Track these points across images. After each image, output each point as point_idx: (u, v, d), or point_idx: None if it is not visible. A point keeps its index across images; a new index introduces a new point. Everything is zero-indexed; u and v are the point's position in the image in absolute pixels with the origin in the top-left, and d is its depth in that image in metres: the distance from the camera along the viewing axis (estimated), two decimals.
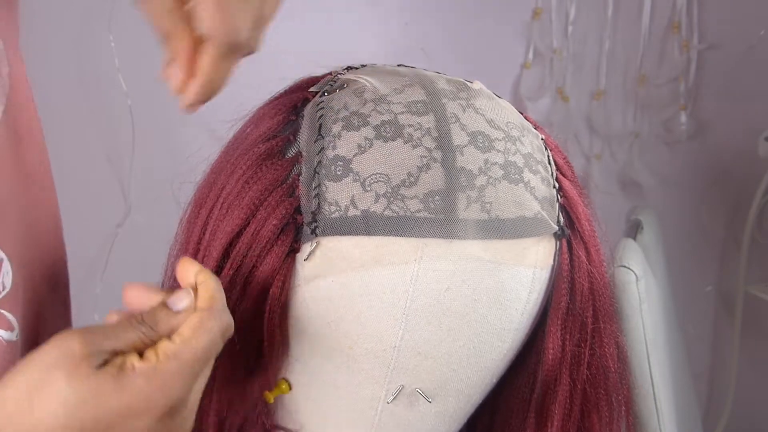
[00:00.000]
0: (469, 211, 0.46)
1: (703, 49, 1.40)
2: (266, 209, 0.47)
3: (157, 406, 0.38)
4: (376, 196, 0.45)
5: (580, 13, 1.40)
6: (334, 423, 0.51)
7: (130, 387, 0.38)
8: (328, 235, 0.46)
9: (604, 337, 0.53)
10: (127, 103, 1.22)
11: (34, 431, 0.37)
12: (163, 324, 0.41)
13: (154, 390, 0.38)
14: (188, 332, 0.40)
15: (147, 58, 1.30)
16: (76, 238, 0.74)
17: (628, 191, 1.48)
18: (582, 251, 0.51)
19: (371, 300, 0.46)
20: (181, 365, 0.39)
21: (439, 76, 0.52)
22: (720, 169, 1.46)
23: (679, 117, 1.43)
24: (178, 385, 0.39)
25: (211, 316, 0.41)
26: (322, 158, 0.47)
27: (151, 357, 0.39)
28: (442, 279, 0.46)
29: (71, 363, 0.37)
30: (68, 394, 0.37)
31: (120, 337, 0.40)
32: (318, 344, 0.48)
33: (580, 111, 1.45)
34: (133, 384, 0.38)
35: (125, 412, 0.38)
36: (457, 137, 0.47)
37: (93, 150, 1.28)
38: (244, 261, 0.48)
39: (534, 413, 0.53)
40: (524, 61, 1.42)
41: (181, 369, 0.39)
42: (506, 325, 0.49)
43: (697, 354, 1.47)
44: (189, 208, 0.54)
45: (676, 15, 1.39)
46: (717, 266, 1.51)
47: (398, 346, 0.47)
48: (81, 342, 0.38)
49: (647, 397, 0.87)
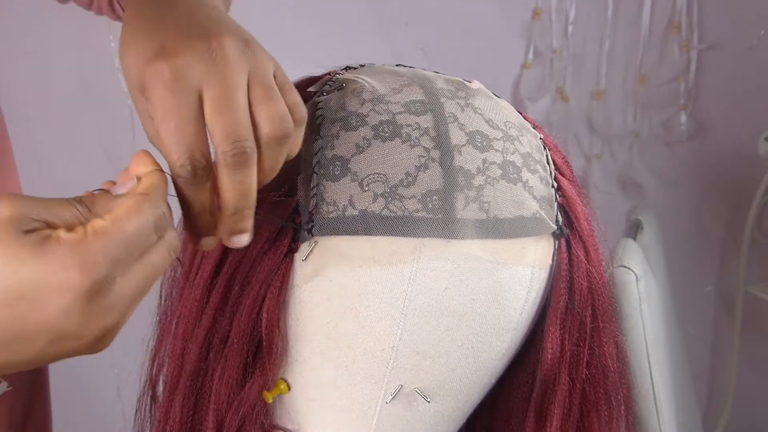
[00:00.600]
0: (467, 210, 0.46)
1: (703, 49, 1.40)
2: (265, 209, 0.47)
3: (75, 283, 0.35)
4: (374, 195, 0.45)
5: (580, 13, 1.40)
6: (333, 423, 0.51)
7: (51, 256, 0.35)
8: (326, 235, 0.46)
9: (603, 337, 0.53)
10: (127, 103, 1.22)
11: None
12: (100, 206, 0.39)
13: (74, 264, 0.35)
14: (120, 211, 0.37)
15: None
16: None
17: (628, 191, 1.48)
18: (581, 251, 0.51)
19: (369, 300, 0.46)
20: (107, 243, 0.36)
21: (437, 75, 0.52)
22: (720, 169, 1.46)
23: (679, 117, 1.43)
24: (101, 264, 0.36)
25: (147, 200, 0.39)
26: (320, 158, 0.47)
27: (78, 231, 0.36)
28: (440, 278, 0.46)
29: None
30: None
31: (54, 210, 0.37)
32: (316, 344, 0.48)
33: (580, 111, 1.45)
34: (54, 253, 0.35)
35: (41, 285, 0.35)
36: (455, 137, 0.47)
37: (93, 150, 1.28)
38: (243, 261, 0.48)
39: (533, 413, 0.53)
40: (524, 61, 1.42)
41: (106, 247, 0.36)
42: (505, 325, 0.49)
43: (697, 354, 1.47)
44: None
45: (676, 15, 1.39)
46: (717, 266, 1.51)
47: (397, 346, 0.47)
48: (11, 205, 0.35)
49: (647, 397, 0.87)
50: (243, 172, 0.40)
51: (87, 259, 0.35)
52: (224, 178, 0.40)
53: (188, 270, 0.52)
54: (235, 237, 0.43)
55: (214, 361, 0.49)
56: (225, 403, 0.50)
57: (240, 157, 0.40)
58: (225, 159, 0.40)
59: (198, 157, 0.40)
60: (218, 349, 0.49)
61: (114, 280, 0.36)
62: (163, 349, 0.55)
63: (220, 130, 0.40)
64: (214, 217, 0.42)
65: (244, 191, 0.41)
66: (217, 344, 0.49)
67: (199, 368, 0.50)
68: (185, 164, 0.40)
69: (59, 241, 0.35)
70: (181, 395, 0.51)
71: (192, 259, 0.51)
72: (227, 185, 0.41)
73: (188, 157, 0.39)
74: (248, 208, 0.42)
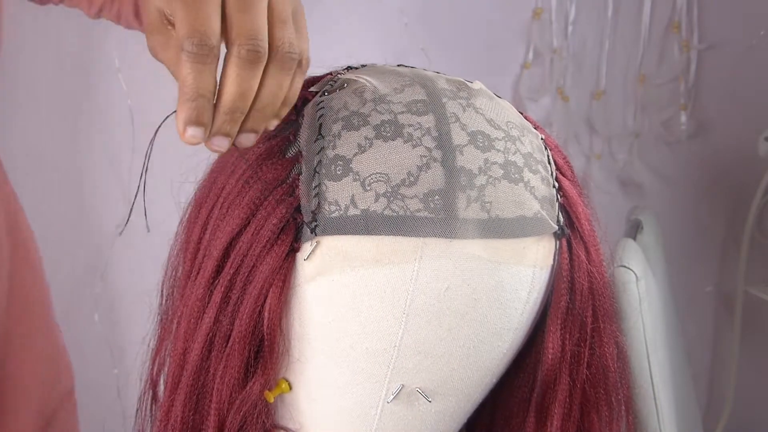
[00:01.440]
0: (469, 210, 0.46)
1: (703, 49, 1.40)
2: (266, 209, 0.47)
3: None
4: (376, 195, 0.45)
5: (580, 13, 1.40)
6: (334, 423, 0.51)
7: None
8: (328, 235, 0.46)
9: (604, 337, 0.53)
10: (127, 103, 1.22)
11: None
12: None
13: None
14: None
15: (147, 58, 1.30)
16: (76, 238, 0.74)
17: (628, 191, 1.48)
18: (582, 251, 0.51)
19: (371, 299, 0.46)
20: None
21: (439, 75, 0.53)
22: (720, 169, 1.46)
23: (679, 117, 1.43)
24: None
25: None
26: (322, 158, 0.47)
27: None
28: (442, 278, 0.46)
29: None
30: None
31: None
32: (318, 344, 0.48)
33: (580, 111, 1.45)
34: None
35: None
36: (457, 137, 0.47)
37: (93, 150, 1.28)
38: (245, 260, 0.48)
39: (534, 413, 0.53)
40: (524, 61, 1.42)
41: None
42: (506, 325, 0.49)
43: (697, 354, 1.47)
44: (189, 208, 0.54)
45: (676, 15, 1.39)
46: (717, 266, 1.51)
47: (398, 346, 0.47)
48: None
49: (647, 397, 0.87)
50: (251, 71, 0.41)
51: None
52: (231, 72, 0.41)
53: (189, 269, 0.52)
54: (217, 139, 0.42)
55: (215, 361, 0.49)
56: (226, 403, 0.50)
57: (254, 54, 0.41)
58: (239, 52, 0.40)
59: (209, 34, 0.40)
60: (220, 349, 0.49)
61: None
62: (164, 348, 0.55)
63: (240, 25, 0.41)
64: (207, 109, 0.41)
65: (243, 91, 0.41)
66: (219, 344, 0.49)
67: (201, 367, 0.50)
68: (194, 37, 0.40)
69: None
70: (183, 395, 0.51)
71: (193, 258, 0.51)
72: (231, 80, 0.41)
73: (199, 31, 0.40)
74: (240, 113, 0.42)
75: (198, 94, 0.41)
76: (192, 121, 0.41)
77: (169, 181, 0.60)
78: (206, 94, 0.41)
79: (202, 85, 0.41)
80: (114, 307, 1.25)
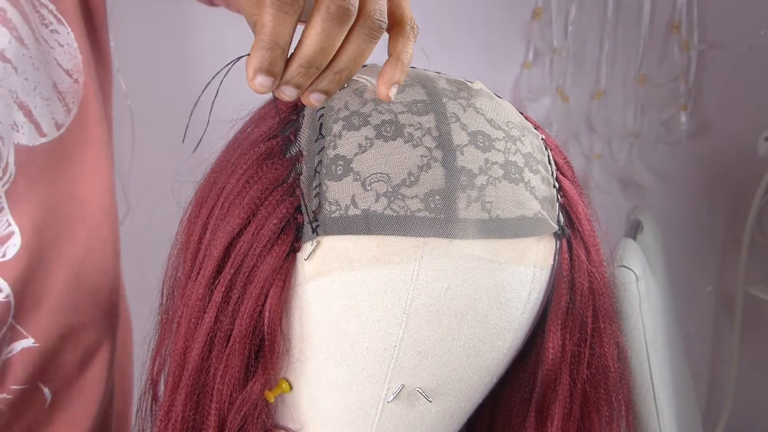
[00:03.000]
0: (469, 210, 0.46)
1: (703, 49, 1.40)
2: (267, 209, 0.47)
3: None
4: (376, 195, 0.45)
5: (580, 13, 1.40)
6: (334, 422, 0.51)
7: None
8: (328, 235, 0.46)
9: (604, 337, 0.53)
10: (126, 103, 1.22)
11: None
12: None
13: None
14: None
15: (147, 58, 1.30)
16: None
17: (628, 191, 1.48)
18: (582, 251, 0.51)
19: (372, 299, 0.46)
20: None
21: (439, 75, 0.53)
22: (720, 169, 1.46)
23: (679, 117, 1.43)
24: None
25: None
26: (322, 158, 0.47)
27: None
28: (442, 278, 0.46)
29: None
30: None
31: None
32: (318, 343, 0.48)
33: (580, 111, 1.45)
34: None
35: None
36: (457, 137, 0.47)
37: None
38: (245, 260, 0.48)
39: (534, 413, 0.53)
40: (524, 61, 1.42)
41: None
42: (506, 325, 0.49)
43: (697, 354, 1.47)
44: (189, 208, 0.54)
45: (676, 15, 1.39)
46: (717, 266, 1.52)
47: (399, 346, 0.47)
48: None
49: (647, 397, 0.88)
50: (336, 28, 0.40)
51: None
52: (316, 25, 0.40)
53: (189, 269, 0.52)
54: (287, 88, 0.41)
55: (216, 361, 0.49)
56: (227, 403, 0.50)
57: (342, 11, 0.39)
58: (329, 7, 0.39)
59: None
60: (220, 348, 0.49)
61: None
62: (164, 348, 0.55)
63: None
64: (281, 59, 0.40)
65: (325, 47, 0.40)
66: (219, 343, 0.49)
67: (201, 367, 0.50)
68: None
69: None
70: (183, 394, 0.51)
71: (194, 258, 0.51)
72: (315, 33, 0.40)
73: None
74: (316, 68, 0.41)
75: (275, 43, 0.39)
76: (264, 69, 0.40)
77: (169, 181, 0.60)
78: (282, 45, 0.39)
79: (281, 35, 0.39)
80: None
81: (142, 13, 1.17)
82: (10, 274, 0.68)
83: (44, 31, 0.68)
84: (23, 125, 0.67)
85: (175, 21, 1.20)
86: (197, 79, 1.09)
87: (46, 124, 0.68)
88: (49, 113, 0.68)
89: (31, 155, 0.68)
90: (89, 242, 0.74)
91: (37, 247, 0.69)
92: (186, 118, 0.52)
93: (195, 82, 1.19)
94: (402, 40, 0.45)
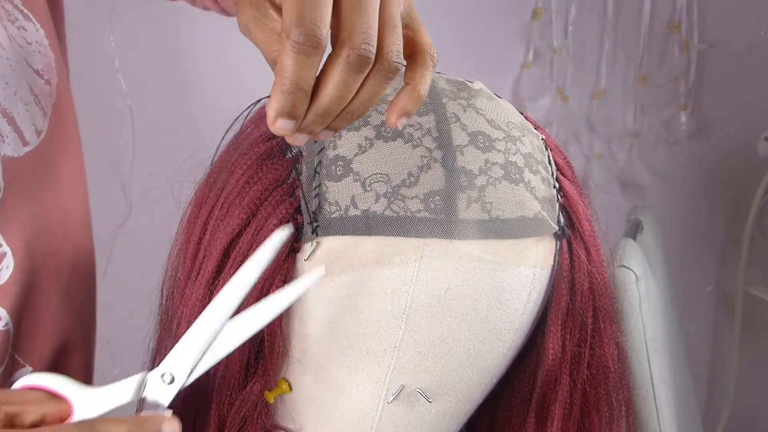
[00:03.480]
0: (469, 211, 0.46)
1: (703, 49, 1.40)
2: (267, 209, 0.47)
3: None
4: (376, 196, 0.45)
5: (580, 13, 1.40)
6: (334, 423, 0.51)
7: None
8: (328, 235, 0.46)
9: (605, 337, 0.53)
10: (127, 103, 1.22)
11: None
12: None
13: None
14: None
15: (147, 58, 1.30)
16: None
17: (628, 191, 1.48)
18: (582, 251, 0.51)
19: (372, 300, 0.46)
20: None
21: (439, 75, 0.52)
22: (720, 169, 1.46)
23: (679, 117, 1.43)
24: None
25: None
26: (322, 158, 0.47)
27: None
28: (442, 279, 0.46)
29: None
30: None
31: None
32: (318, 344, 0.48)
33: (580, 111, 1.45)
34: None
35: None
36: (457, 137, 0.47)
37: (93, 150, 1.28)
38: (245, 261, 0.47)
39: (534, 413, 0.53)
40: (524, 61, 1.42)
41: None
42: (506, 325, 0.49)
43: (697, 354, 1.47)
44: (189, 208, 0.54)
45: (676, 15, 1.39)
46: (717, 266, 1.52)
47: (399, 346, 0.47)
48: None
49: (647, 397, 0.88)
50: (355, 76, 0.38)
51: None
52: (335, 74, 0.38)
53: (189, 270, 0.52)
54: (300, 135, 0.40)
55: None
56: (227, 403, 0.50)
57: (363, 60, 0.38)
58: (349, 56, 0.37)
59: (319, 24, 0.36)
60: None
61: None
62: (164, 348, 0.55)
63: (353, 25, 0.37)
64: (303, 102, 0.38)
65: (342, 95, 0.38)
66: None
67: None
68: (303, 26, 0.36)
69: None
70: (182, 395, 0.51)
71: (193, 258, 0.51)
72: (333, 82, 0.38)
73: (310, 19, 0.36)
74: (333, 115, 0.39)
75: (297, 87, 0.37)
76: (286, 113, 0.38)
77: (169, 181, 0.60)
78: (305, 88, 0.38)
79: (303, 78, 0.37)
80: (114, 307, 1.24)
81: (142, 13, 1.17)
82: (7, 301, 0.62)
83: (11, 28, 0.61)
84: (8, 135, 0.60)
85: (175, 21, 1.20)
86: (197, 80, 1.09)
87: (28, 132, 0.62)
88: (29, 119, 0.62)
89: (18, 167, 0.61)
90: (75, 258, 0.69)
91: (29, 267, 0.63)
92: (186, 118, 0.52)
93: (195, 82, 1.19)
94: (420, 70, 0.42)
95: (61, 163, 0.67)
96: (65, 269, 0.67)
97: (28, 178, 0.63)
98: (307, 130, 0.40)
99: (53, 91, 0.65)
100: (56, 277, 0.66)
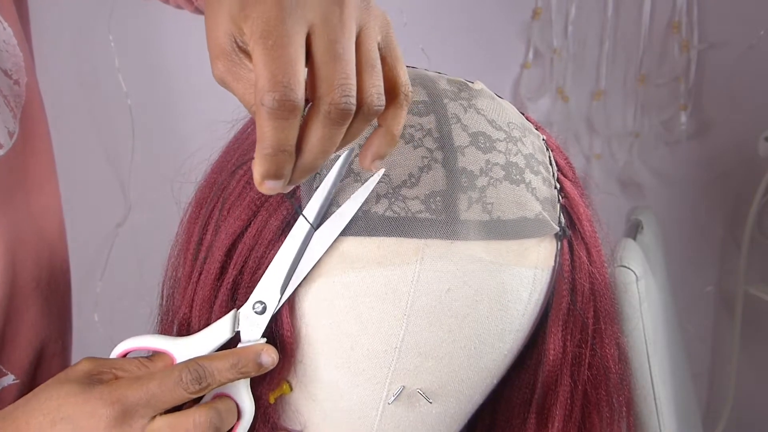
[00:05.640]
0: (470, 211, 0.46)
1: (703, 49, 1.40)
2: (267, 210, 0.47)
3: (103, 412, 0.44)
4: (377, 196, 0.45)
5: (580, 13, 1.39)
6: (335, 424, 0.51)
7: (95, 392, 0.45)
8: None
9: (605, 338, 0.53)
10: (127, 103, 1.22)
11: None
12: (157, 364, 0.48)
13: (107, 399, 0.44)
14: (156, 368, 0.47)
15: (147, 58, 1.30)
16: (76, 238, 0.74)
17: (628, 191, 1.48)
18: (583, 252, 0.51)
19: (372, 300, 0.46)
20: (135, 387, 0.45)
21: (440, 76, 0.52)
22: (720, 169, 1.45)
23: (679, 117, 1.43)
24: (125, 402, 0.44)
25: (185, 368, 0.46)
26: None
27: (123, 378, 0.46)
28: (443, 279, 0.46)
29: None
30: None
31: (121, 365, 0.48)
32: (319, 345, 0.48)
33: (580, 111, 1.44)
34: (97, 391, 0.45)
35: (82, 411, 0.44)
36: (458, 138, 0.47)
37: (93, 150, 1.28)
38: (247, 262, 0.47)
39: (535, 414, 0.53)
40: (524, 61, 1.42)
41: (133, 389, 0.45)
42: (507, 326, 0.49)
43: (697, 354, 1.47)
44: (189, 209, 0.54)
45: (676, 15, 1.39)
46: (717, 266, 1.51)
47: (399, 347, 0.47)
48: (89, 362, 0.47)
49: (647, 397, 0.87)
50: (338, 128, 0.37)
51: (115, 396, 0.44)
52: (317, 131, 0.36)
53: (190, 270, 0.52)
54: (287, 187, 0.39)
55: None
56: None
57: (344, 113, 0.36)
58: (330, 112, 0.36)
59: (293, 86, 0.35)
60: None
61: (134, 415, 0.44)
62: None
63: (331, 78, 0.36)
64: (289, 162, 0.37)
65: (327, 149, 0.37)
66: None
67: None
68: (275, 91, 0.34)
69: (106, 383, 0.45)
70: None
71: (194, 259, 0.51)
72: (316, 138, 0.37)
73: (282, 83, 0.34)
74: (318, 168, 0.38)
75: (279, 150, 0.36)
76: (271, 175, 0.37)
77: (169, 181, 0.60)
78: (288, 149, 0.36)
79: (284, 140, 0.36)
80: (114, 307, 1.24)
81: (142, 13, 1.17)
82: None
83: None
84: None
85: (175, 21, 1.20)
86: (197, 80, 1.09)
87: (1, 133, 0.59)
88: (1, 120, 0.59)
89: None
90: (51, 263, 0.67)
91: (11, 275, 0.61)
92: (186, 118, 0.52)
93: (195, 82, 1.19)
94: (394, 111, 0.40)
95: (34, 165, 0.65)
96: (44, 276, 0.66)
97: (3, 182, 0.60)
98: (294, 183, 0.39)
99: (22, 92, 0.63)
100: (37, 284, 0.65)
